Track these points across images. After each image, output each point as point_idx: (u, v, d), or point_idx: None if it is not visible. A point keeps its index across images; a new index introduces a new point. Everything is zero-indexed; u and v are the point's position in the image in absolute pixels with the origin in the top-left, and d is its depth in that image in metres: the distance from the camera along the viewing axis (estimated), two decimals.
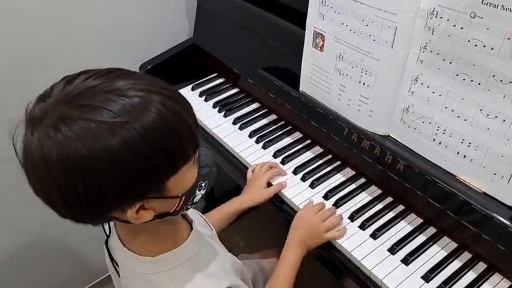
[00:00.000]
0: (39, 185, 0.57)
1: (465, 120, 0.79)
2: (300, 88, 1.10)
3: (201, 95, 1.36)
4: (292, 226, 0.97)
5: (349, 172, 1.06)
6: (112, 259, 0.78)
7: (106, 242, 0.78)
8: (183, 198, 0.65)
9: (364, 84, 0.94)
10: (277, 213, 1.05)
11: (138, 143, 0.54)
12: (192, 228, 0.77)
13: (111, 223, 0.77)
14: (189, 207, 0.70)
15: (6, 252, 1.39)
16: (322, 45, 1.00)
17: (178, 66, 1.43)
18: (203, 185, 0.69)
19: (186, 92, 1.38)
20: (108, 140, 0.53)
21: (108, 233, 0.78)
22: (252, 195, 1.05)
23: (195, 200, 0.69)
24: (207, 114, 1.29)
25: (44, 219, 0.60)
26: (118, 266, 0.77)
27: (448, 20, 0.77)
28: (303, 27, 1.03)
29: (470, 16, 0.73)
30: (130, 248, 0.72)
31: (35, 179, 0.57)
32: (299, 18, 1.05)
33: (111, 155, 0.53)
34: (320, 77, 1.03)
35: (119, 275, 0.79)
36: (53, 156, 0.53)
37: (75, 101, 0.54)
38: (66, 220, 0.61)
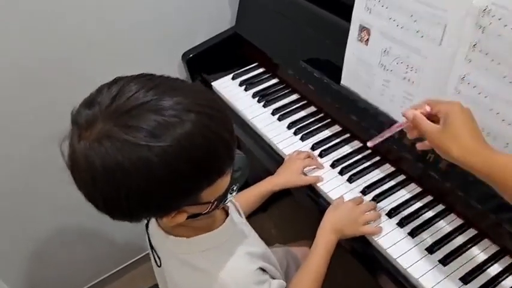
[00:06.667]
0: (85, 191, 0.60)
1: (509, 124, 0.77)
2: (342, 81, 1.09)
3: (241, 84, 1.37)
4: (329, 210, 0.96)
5: (388, 168, 1.05)
6: (151, 246, 0.81)
7: (147, 226, 0.82)
8: (215, 202, 0.68)
9: (409, 80, 0.92)
10: (309, 203, 1.05)
11: (175, 157, 0.56)
12: (227, 214, 0.81)
13: None
14: (220, 207, 0.73)
15: (50, 227, 1.47)
16: (367, 39, 0.99)
17: (219, 55, 1.44)
18: (234, 188, 0.72)
19: (227, 81, 1.39)
20: (147, 154, 0.55)
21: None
22: (287, 177, 1.06)
23: (226, 202, 0.73)
24: (246, 103, 1.30)
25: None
26: (156, 251, 0.80)
27: (499, 19, 0.74)
28: (347, 19, 1.02)
29: None
30: (168, 231, 0.76)
31: (81, 185, 0.60)
32: (343, 10, 1.04)
33: (151, 169, 0.56)
34: (363, 71, 1.02)
35: (156, 261, 0.81)
36: (98, 167, 0.56)
37: (122, 119, 0.56)
38: None
